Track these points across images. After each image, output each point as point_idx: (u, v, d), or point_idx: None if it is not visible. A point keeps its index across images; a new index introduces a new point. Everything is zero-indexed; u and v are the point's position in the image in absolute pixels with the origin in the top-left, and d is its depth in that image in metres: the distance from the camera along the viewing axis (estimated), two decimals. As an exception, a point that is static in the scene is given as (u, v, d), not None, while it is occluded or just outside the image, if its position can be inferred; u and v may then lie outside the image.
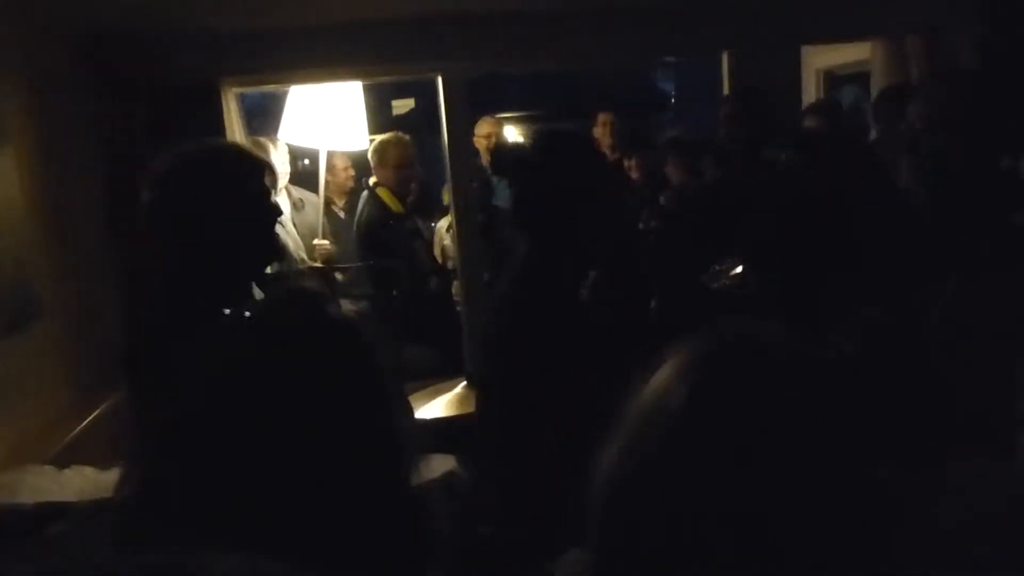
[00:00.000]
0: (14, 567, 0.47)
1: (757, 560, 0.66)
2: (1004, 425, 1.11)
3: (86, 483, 1.97)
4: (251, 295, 1.69)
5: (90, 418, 2.39)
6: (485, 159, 4.58)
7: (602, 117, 4.55)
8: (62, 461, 2.07)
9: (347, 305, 3.92)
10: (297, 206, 3.96)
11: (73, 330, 2.57)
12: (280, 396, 0.84)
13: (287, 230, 3.65)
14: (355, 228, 3.98)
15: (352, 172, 4.41)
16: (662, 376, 0.74)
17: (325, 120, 3.68)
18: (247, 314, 0.94)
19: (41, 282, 2.39)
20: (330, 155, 4.26)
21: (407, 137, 4.06)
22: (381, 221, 3.86)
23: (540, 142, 2.01)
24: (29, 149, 2.45)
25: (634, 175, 4.17)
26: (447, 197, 4.15)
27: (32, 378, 2.33)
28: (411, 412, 2.73)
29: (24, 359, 2.28)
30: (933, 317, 1.63)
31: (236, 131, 3.21)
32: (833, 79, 4.37)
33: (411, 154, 4.02)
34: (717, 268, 2.58)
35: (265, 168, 1.76)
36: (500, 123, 4.80)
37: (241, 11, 2.77)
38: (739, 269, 2.50)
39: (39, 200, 2.46)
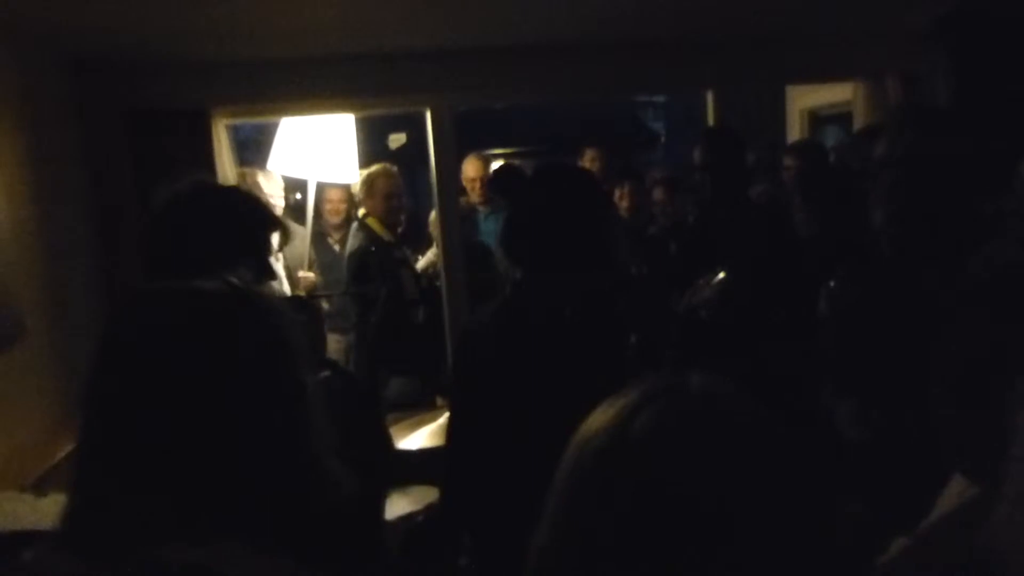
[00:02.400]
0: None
1: None
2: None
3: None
4: None
5: (72, 445, 2.37)
6: (473, 198, 4.62)
7: (590, 153, 4.60)
8: (41, 488, 2.05)
9: (332, 338, 3.93)
10: (288, 238, 3.98)
11: (56, 354, 2.57)
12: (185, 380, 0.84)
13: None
14: (345, 257, 4.02)
15: (344, 206, 4.44)
16: (594, 432, 0.74)
17: (315, 152, 3.72)
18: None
19: (25, 305, 2.39)
20: (324, 188, 4.30)
21: (394, 168, 4.11)
22: (369, 249, 3.89)
23: (545, 176, 2.02)
24: (16, 170, 2.46)
25: (624, 204, 4.22)
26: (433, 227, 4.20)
27: (12, 401, 2.32)
28: (390, 442, 2.70)
29: (4, 382, 2.27)
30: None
31: (226, 161, 3.23)
32: (816, 119, 4.46)
33: (399, 184, 4.07)
34: (700, 282, 2.62)
35: (280, 228, 1.80)
36: (487, 161, 4.85)
37: (232, 41, 2.81)
38: (721, 275, 2.54)
39: (25, 222, 2.47)
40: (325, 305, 3.92)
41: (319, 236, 4.41)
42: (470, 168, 4.59)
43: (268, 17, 2.52)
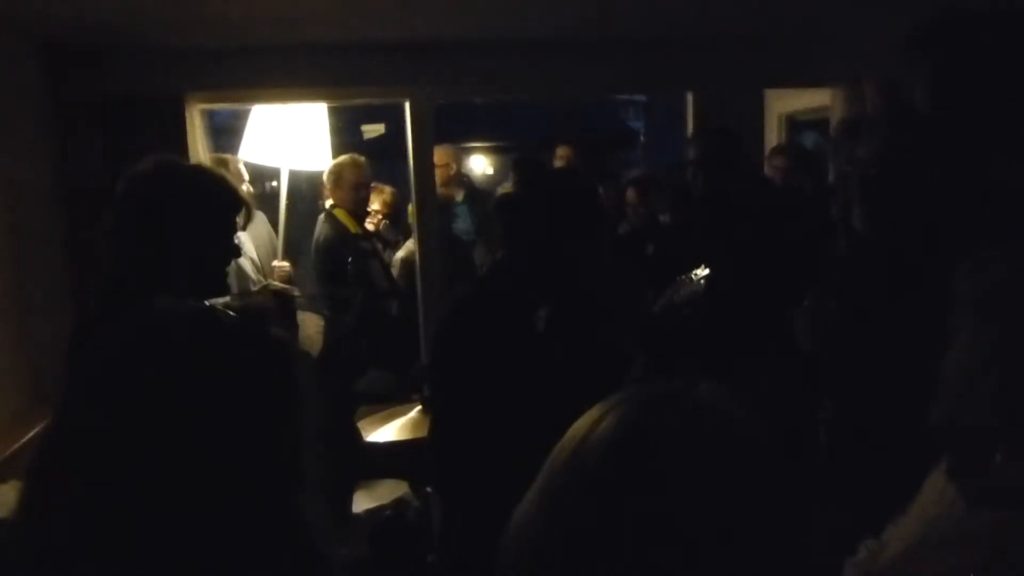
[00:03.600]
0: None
1: None
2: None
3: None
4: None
5: (33, 431, 2.33)
6: (439, 189, 4.55)
7: (560, 151, 4.58)
8: (1, 475, 2.01)
9: (307, 320, 3.88)
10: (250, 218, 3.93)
11: (21, 342, 2.51)
12: (165, 409, 0.80)
13: (246, 250, 3.62)
14: (312, 249, 3.97)
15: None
16: (581, 431, 0.73)
17: (288, 140, 3.66)
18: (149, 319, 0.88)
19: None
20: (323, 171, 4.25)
21: (363, 159, 4.06)
22: (337, 242, 3.85)
23: (547, 174, 2.29)
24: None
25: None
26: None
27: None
28: (359, 437, 2.69)
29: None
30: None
31: (199, 147, 3.18)
32: (794, 124, 4.48)
33: (367, 175, 4.02)
34: (682, 278, 2.62)
35: (244, 206, 1.78)
36: (456, 152, 4.80)
37: (211, 29, 2.77)
38: (705, 271, 2.55)
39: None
40: (297, 295, 3.88)
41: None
42: (437, 157, 4.52)
43: (249, 5, 2.48)
